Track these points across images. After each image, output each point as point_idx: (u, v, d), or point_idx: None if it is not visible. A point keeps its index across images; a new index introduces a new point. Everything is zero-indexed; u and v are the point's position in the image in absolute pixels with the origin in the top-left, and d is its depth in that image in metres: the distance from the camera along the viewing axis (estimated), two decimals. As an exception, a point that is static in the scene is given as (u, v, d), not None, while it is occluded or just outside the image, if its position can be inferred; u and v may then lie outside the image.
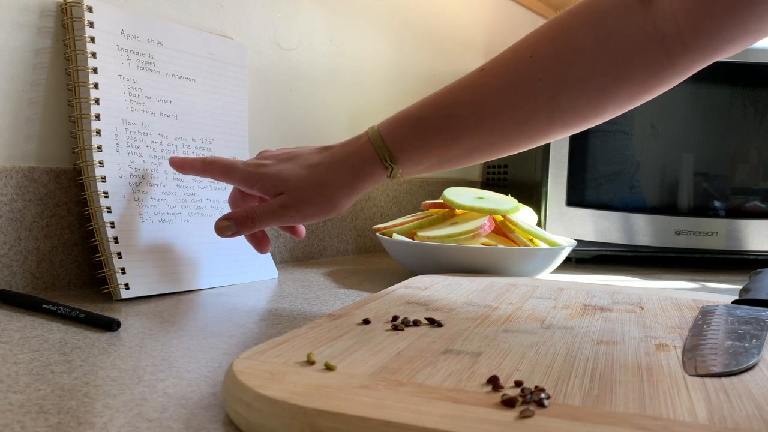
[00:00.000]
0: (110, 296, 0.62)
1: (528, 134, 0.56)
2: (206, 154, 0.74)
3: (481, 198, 0.85)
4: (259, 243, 0.65)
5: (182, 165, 0.65)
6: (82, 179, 0.63)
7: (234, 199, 0.64)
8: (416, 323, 0.47)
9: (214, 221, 0.65)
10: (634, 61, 0.51)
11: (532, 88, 0.53)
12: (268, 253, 0.79)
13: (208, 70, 0.76)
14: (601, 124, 0.57)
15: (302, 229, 0.67)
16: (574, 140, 0.99)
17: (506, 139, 0.56)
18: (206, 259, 0.71)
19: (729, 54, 0.51)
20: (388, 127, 0.57)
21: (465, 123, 0.55)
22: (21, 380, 0.38)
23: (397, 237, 0.81)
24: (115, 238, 0.63)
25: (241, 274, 0.74)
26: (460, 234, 0.77)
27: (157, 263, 0.66)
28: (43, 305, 0.55)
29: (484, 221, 0.79)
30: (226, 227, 0.59)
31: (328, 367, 0.35)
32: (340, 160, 0.58)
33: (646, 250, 1.00)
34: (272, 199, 0.59)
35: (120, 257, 0.62)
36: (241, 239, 0.76)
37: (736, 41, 0.50)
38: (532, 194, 1.03)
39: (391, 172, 0.57)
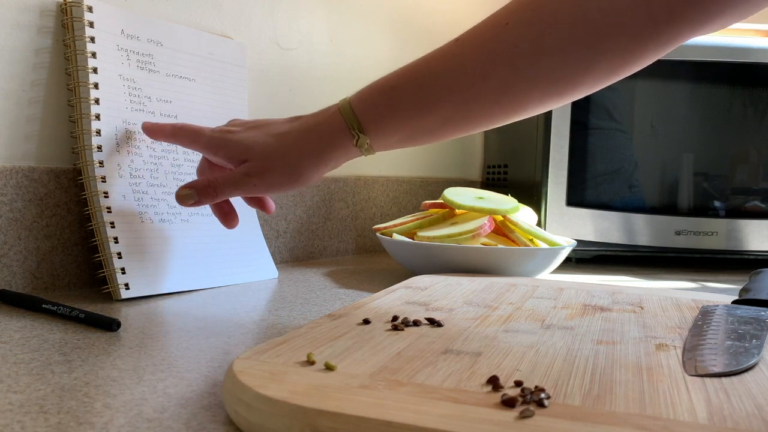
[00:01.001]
0: (110, 296, 0.62)
1: (504, 105, 0.53)
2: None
3: (481, 198, 0.85)
4: (226, 216, 0.63)
5: (153, 130, 0.64)
6: (82, 179, 0.63)
7: (202, 169, 0.62)
8: (416, 323, 0.47)
9: (215, 220, 0.65)
10: (617, 26, 0.48)
11: (508, 56, 0.50)
12: (268, 253, 0.79)
13: (208, 70, 0.76)
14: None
15: (271, 204, 0.65)
16: (574, 140, 0.99)
17: (481, 111, 0.53)
18: (206, 259, 0.71)
19: (717, 27, 0.48)
20: (359, 96, 0.55)
21: (438, 93, 0.53)
22: (21, 380, 0.38)
23: (397, 237, 0.81)
24: (115, 238, 0.63)
25: (241, 274, 0.74)
26: (460, 234, 0.77)
27: (157, 263, 0.66)
28: (43, 305, 0.55)
29: (484, 221, 0.79)
30: (187, 196, 0.57)
31: (328, 367, 0.35)
32: (308, 129, 0.56)
33: (646, 250, 1.00)
34: (236, 167, 0.57)
35: (120, 257, 0.62)
36: (240, 238, 0.76)
37: (726, 13, 0.47)
38: (532, 194, 1.03)
39: (357, 140, 0.54)
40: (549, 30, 0.49)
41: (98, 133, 0.64)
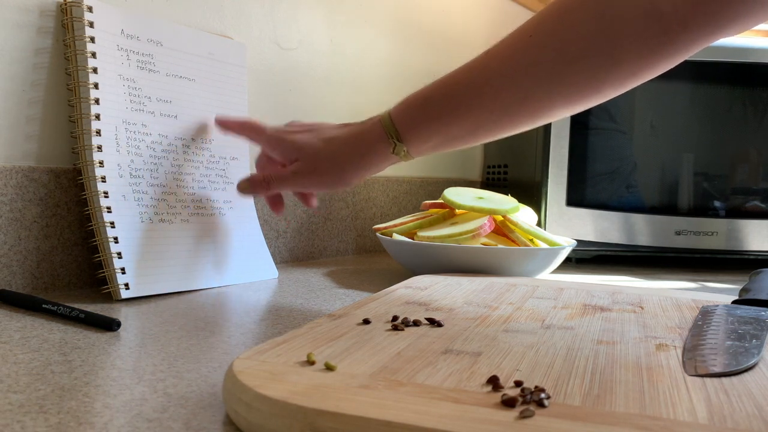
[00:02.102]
0: (110, 296, 0.62)
1: (529, 112, 0.57)
2: (206, 154, 0.74)
3: (481, 198, 0.85)
4: (275, 204, 0.70)
5: (224, 123, 0.72)
6: (82, 179, 0.63)
7: (260, 162, 0.69)
8: (416, 323, 0.47)
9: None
10: (633, 36, 0.51)
11: (532, 65, 0.54)
12: (268, 253, 0.79)
13: (208, 70, 0.76)
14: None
15: (314, 200, 0.71)
16: (574, 140, 0.99)
17: (508, 117, 0.57)
18: (206, 259, 0.71)
19: (731, 33, 0.50)
20: (398, 107, 0.61)
21: (468, 102, 0.57)
22: (21, 380, 0.38)
23: (397, 237, 0.81)
24: (115, 238, 0.63)
25: (241, 274, 0.74)
26: (460, 234, 0.77)
27: (157, 263, 0.65)
28: (43, 305, 0.55)
29: (484, 221, 0.79)
30: (244, 187, 0.67)
31: (328, 367, 0.35)
32: (353, 136, 0.62)
33: (646, 250, 1.00)
34: (289, 165, 0.64)
35: (120, 257, 0.62)
36: (240, 238, 0.76)
37: (738, 20, 0.49)
38: (532, 194, 1.03)
39: (394, 148, 0.60)
40: (570, 40, 0.53)
41: (98, 133, 0.64)
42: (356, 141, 0.62)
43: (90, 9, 0.64)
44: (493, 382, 0.34)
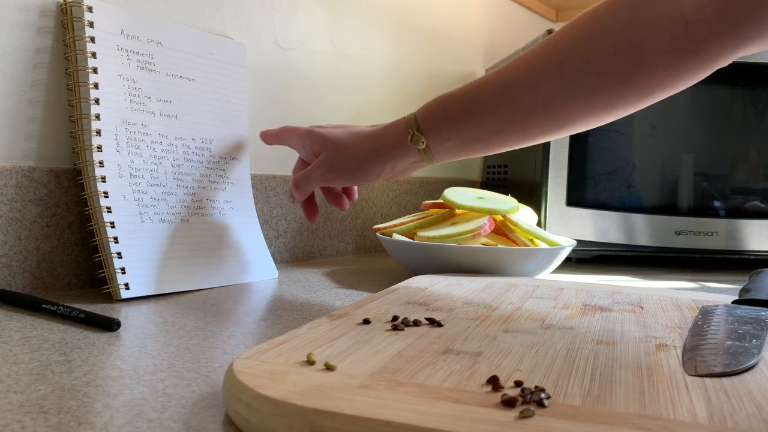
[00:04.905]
0: (110, 296, 0.62)
1: (550, 118, 0.57)
2: (206, 154, 0.74)
3: (481, 198, 0.85)
4: (309, 212, 0.73)
5: (267, 135, 0.74)
6: (82, 179, 0.63)
7: (297, 168, 0.71)
8: (416, 323, 0.47)
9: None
10: (658, 45, 0.51)
11: (555, 71, 0.55)
12: (268, 253, 0.79)
13: (208, 70, 0.76)
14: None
15: (346, 201, 0.72)
16: (574, 140, 0.99)
17: (528, 122, 0.58)
18: (206, 259, 0.71)
19: (757, 47, 0.50)
20: (423, 106, 0.62)
21: (488, 102, 0.58)
22: (21, 380, 0.38)
23: (397, 237, 0.81)
24: (115, 238, 0.63)
25: (241, 274, 0.74)
26: (460, 234, 0.77)
27: (157, 263, 0.66)
28: (43, 305, 0.55)
29: (484, 221, 0.79)
30: (290, 197, 0.70)
31: (328, 367, 0.35)
32: (378, 133, 0.64)
33: (646, 250, 1.00)
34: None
35: (120, 257, 0.62)
36: (240, 238, 0.76)
37: (765, 32, 0.49)
38: (532, 194, 1.03)
39: (412, 137, 0.61)
40: (594, 47, 0.53)
41: (98, 133, 0.64)
42: (379, 135, 0.63)
43: (90, 9, 0.64)
44: (493, 382, 0.34)
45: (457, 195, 0.85)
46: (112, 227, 0.63)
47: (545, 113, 0.57)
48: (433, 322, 0.47)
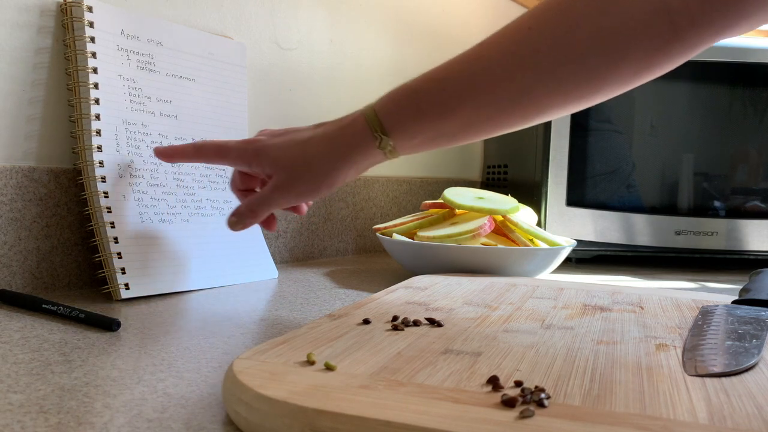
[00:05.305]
0: (110, 296, 0.62)
1: (526, 108, 0.53)
2: (206, 154, 0.74)
3: (481, 198, 0.85)
4: (267, 224, 0.64)
5: (171, 154, 0.63)
6: (82, 179, 0.63)
7: (234, 182, 0.63)
8: (416, 323, 0.47)
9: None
10: (638, 32, 0.49)
11: (531, 59, 0.51)
12: (268, 253, 0.79)
13: (208, 70, 0.76)
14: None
15: (303, 206, 0.65)
16: (574, 140, 0.99)
17: (503, 113, 0.54)
18: (206, 259, 0.71)
19: (739, 32, 0.49)
20: (382, 100, 0.56)
21: (460, 95, 0.53)
22: (21, 380, 0.38)
23: (397, 237, 0.81)
24: (115, 238, 0.63)
25: (241, 274, 0.74)
26: (460, 234, 0.77)
27: (157, 263, 0.66)
28: (43, 305, 0.55)
29: (484, 221, 0.79)
30: (234, 223, 0.60)
31: (328, 367, 0.35)
32: (330, 135, 0.56)
33: (646, 250, 1.00)
34: (267, 180, 0.59)
35: (120, 257, 0.62)
36: (240, 238, 0.76)
37: (746, 18, 0.48)
38: (532, 194, 1.03)
39: (380, 142, 0.54)
40: (571, 35, 0.50)
41: (98, 133, 0.64)
42: (335, 140, 0.56)
43: (90, 9, 0.64)
44: (493, 382, 0.34)
45: (457, 195, 0.85)
46: (112, 227, 0.63)
47: (520, 104, 0.53)
48: (433, 322, 0.47)
